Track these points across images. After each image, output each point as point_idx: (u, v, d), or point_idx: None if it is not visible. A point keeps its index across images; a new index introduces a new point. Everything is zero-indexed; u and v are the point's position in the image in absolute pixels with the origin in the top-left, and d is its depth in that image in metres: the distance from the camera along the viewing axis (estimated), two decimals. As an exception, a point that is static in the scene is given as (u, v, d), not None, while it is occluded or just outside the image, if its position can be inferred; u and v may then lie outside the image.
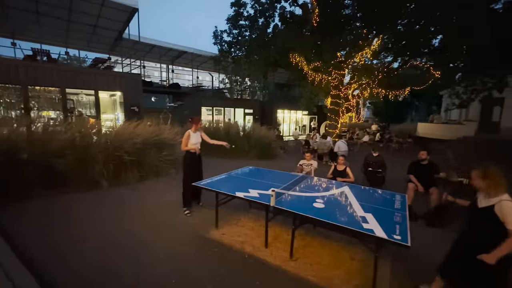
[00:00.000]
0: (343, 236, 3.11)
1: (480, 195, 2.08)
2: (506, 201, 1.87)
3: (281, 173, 4.65)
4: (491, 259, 1.85)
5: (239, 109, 17.41)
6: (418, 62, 11.80)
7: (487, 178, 1.98)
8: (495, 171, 1.98)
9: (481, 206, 2.02)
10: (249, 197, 3.14)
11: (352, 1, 11.39)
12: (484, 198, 2.02)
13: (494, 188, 1.95)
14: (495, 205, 1.91)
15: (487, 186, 1.98)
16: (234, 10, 11.65)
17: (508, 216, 1.83)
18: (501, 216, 1.86)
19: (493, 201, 1.93)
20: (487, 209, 1.95)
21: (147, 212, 4.29)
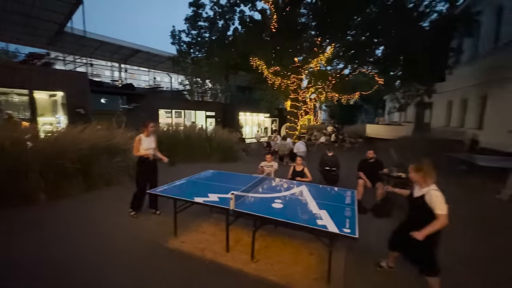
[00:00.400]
0: (302, 233, 3.24)
1: (415, 186, 2.42)
2: (434, 190, 2.22)
3: (241, 175, 4.67)
4: (419, 236, 2.18)
5: (200, 111, 17.01)
6: (365, 69, 13.08)
7: (420, 171, 2.30)
8: (427, 165, 2.31)
9: (415, 196, 2.36)
10: (208, 202, 3.07)
11: (307, 11, 12.12)
12: (418, 189, 2.37)
13: (425, 179, 2.28)
14: (425, 194, 2.25)
15: (420, 178, 2.30)
16: (192, 11, 11.40)
17: (435, 203, 2.17)
18: (430, 203, 2.20)
19: (424, 191, 2.27)
20: (420, 198, 2.28)
21: (95, 225, 3.87)
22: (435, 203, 2.17)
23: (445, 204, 2.18)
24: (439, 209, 2.16)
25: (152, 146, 4.19)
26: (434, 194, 2.19)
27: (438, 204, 2.16)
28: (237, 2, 11.41)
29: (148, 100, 14.63)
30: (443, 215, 2.14)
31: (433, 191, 2.21)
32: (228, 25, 11.99)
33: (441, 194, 2.21)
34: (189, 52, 12.23)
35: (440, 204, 2.16)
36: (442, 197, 2.19)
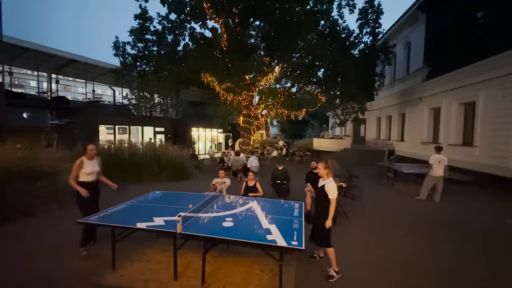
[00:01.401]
0: (254, 249, 3.24)
1: (321, 180, 3.12)
2: (331, 181, 3.00)
3: (191, 194, 4.47)
4: (329, 223, 2.90)
5: (148, 127, 15.95)
6: (309, 88, 14.34)
7: (327, 168, 3.04)
8: (331, 163, 3.09)
9: (319, 186, 3.09)
10: (152, 226, 2.83)
11: (255, 33, 12.87)
12: (321, 181, 3.10)
13: (328, 174, 3.03)
14: (325, 184, 2.99)
15: (326, 173, 3.03)
16: (138, 23, 10.90)
17: (330, 190, 2.94)
18: (327, 190, 2.94)
19: (325, 182, 3.02)
20: (322, 187, 3.02)
21: (8, 269, 3.15)
22: (330, 190, 2.93)
23: (336, 192, 2.95)
24: (331, 195, 2.92)
25: (96, 169, 3.75)
26: (330, 184, 2.96)
27: (331, 191, 2.93)
28: (188, 18, 11.43)
29: (86, 115, 13.09)
30: (333, 199, 2.93)
31: (330, 182, 2.99)
32: (178, 40, 11.82)
33: (335, 185, 2.99)
34: (135, 65, 11.54)
35: (332, 191, 2.92)
36: (335, 187, 2.97)
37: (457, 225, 4.90)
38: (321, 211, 3.02)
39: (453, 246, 4.02)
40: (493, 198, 6.85)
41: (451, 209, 5.93)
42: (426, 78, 11.83)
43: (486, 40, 8.61)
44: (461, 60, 9.30)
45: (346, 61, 11.18)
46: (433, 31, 11.74)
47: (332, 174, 3.06)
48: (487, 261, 3.52)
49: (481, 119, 8.60)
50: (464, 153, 9.28)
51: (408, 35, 14.21)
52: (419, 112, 12.47)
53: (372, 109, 17.80)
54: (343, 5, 11.94)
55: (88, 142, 3.81)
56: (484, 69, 8.32)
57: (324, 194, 2.98)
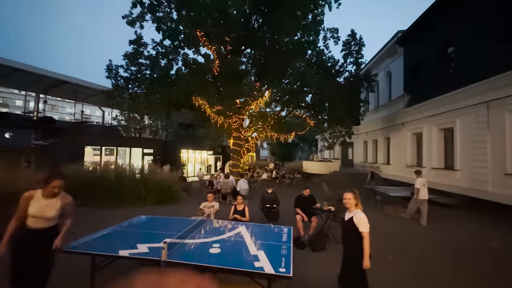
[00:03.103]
0: (241, 277, 3.13)
1: (347, 212, 2.84)
2: (360, 212, 2.73)
3: (178, 219, 4.35)
4: (367, 263, 2.58)
5: (136, 148, 15.71)
6: (298, 113, 14.80)
7: (356, 198, 2.79)
8: (357, 192, 2.85)
9: (346, 219, 2.80)
10: (135, 254, 2.71)
11: (246, 59, 13.48)
12: (348, 213, 2.81)
13: (357, 204, 2.78)
14: (353, 216, 2.71)
15: (354, 204, 2.77)
16: (133, 48, 11.24)
17: (361, 223, 2.64)
18: (357, 223, 2.65)
19: (352, 214, 2.74)
20: (350, 219, 2.73)
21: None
22: (361, 223, 2.63)
23: (367, 224, 2.65)
24: (363, 228, 2.62)
25: (49, 215, 2.50)
26: (360, 216, 2.68)
27: (362, 224, 2.63)
28: (181, 45, 11.90)
29: (72, 135, 12.83)
30: (366, 232, 2.61)
31: (359, 213, 2.71)
32: (171, 64, 12.18)
33: (365, 216, 2.69)
34: (126, 87, 11.68)
35: (364, 224, 2.63)
36: (366, 218, 2.67)
37: (444, 249, 4.95)
38: (351, 249, 2.71)
39: (441, 270, 4.03)
40: (477, 221, 7.01)
41: (437, 233, 6.01)
42: (407, 104, 12.54)
43: (458, 71, 9.39)
44: (438, 89, 10.02)
45: (332, 87, 11.78)
46: (410, 63, 12.71)
47: (360, 204, 2.80)
48: (478, 284, 3.53)
49: (460, 144, 9.08)
50: (447, 176, 9.62)
51: (388, 65, 15.27)
52: (403, 137, 13.02)
53: (359, 133, 18.42)
54: (328, 38, 12.86)
55: (55, 173, 2.61)
56: (458, 98, 8.97)
57: (352, 228, 2.66)
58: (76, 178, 8.60)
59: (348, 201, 2.79)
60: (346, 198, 2.81)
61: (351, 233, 2.68)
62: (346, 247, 2.79)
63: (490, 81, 7.59)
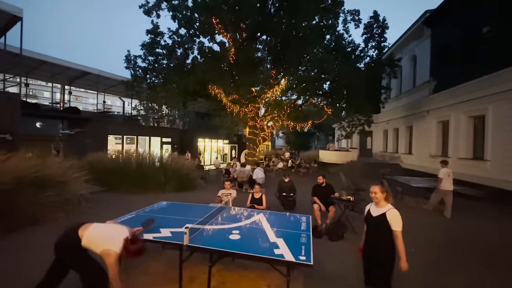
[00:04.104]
0: (260, 263, 3.18)
1: (372, 205, 2.58)
2: (393, 209, 2.44)
3: (198, 206, 4.47)
4: (405, 264, 2.37)
5: (155, 137, 16.18)
6: (315, 101, 14.42)
7: (385, 192, 2.48)
8: (388, 186, 2.53)
9: (375, 215, 2.49)
10: (159, 238, 2.82)
11: (262, 46, 13.19)
12: (375, 208, 2.53)
13: (387, 199, 2.48)
14: (386, 212, 2.42)
15: (383, 198, 2.47)
16: (150, 38, 11.34)
17: (395, 221, 2.37)
18: (390, 220, 2.38)
19: (384, 209, 2.45)
20: (381, 215, 2.43)
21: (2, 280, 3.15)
22: (395, 221, 2.37)
23: (401, 222, 2.40)
24: (396, 226, 2.36)
25: None
26: (394, 212, 2.40)
27: (396, 222, 2.36)
28: (197, 33, 11.84)
29: (96, 125, 13.42)
30: (399, 231, 2.36)
31: (393, 210, 2.42)
32: (187, 53, 12.22)
33: (398, 213, 2.42)
34: (145, 77, 11.91)
35: (398, 222, 2.37)
36: (399, 216, 2.41)
37: (468, 243, 4.72)
38: (377, 246, 2.44)
39: (463, 265, 3.86)
40: (507, 215, 6.60)
41: (462, 226, 5.74)
42: (433, 91, 11.79)
43: (493, 54, 8.60)
44: (468, 74, 9.28)
45: (352, 74, 11.28)
46: (439, 45, 11.81)
47: (391, 198, 2.51)
48: (498, 278, 3.36)
49: (492, 132, 8.45)
50: (475, 167, 9.06)
51: (413, 48, 14.31)
52: (427, 125, 12.34)
53: (379, 122, 17.70)
54: (348, 20, 12.21)
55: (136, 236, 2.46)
56: (492, 83, 8.26)
57: (385, 225, 2.39)
58: (101, 165, 9.07)
59: (375, 195, 2.48)
60: (372, 191, 2.50)
61: (383, 231, 2.40)
62: (375, 245, 2.47)
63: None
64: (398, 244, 2.35)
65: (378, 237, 2.44)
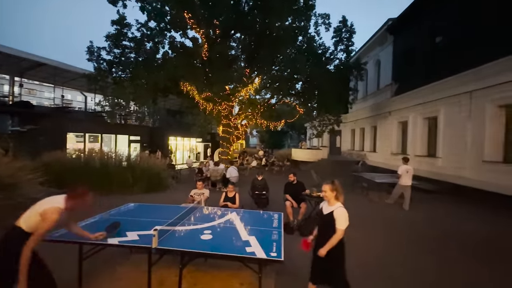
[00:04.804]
0: (233, 262, 3.18)
1: (324, 203, 2.64)
2: (341, 207, 2.49)
3: (168, 206, 4.32)
4: (323, 252, 2.40)
5: (122, 135, 15.25)
6: (288, 100, 14.73)
7: (334, 190, 2.53)
8: (338, 185, 2.57)
9: (325, 213, 2.55)
10: (125, 242, 2.67)
11: (236, 44, 13.10)
12: (326, 206, 2.59)
13: (337, 197, 2.54)
14: (334, 211, 2.48)
15: (333, 196, 2.53)
16: (115, 29, 10.61)
17: (339, 219, 2.43)
18: (336, 218, 2.44)
19: (333, 207, 2.50)
20: (330, 214, 2.49)
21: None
22: (339, 219, 2.42)
23: (347, 221, 2.44)
24: (340, 224, 2.41)
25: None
26: (341, 211, 2.45)
27: (341, 220, 2.42)
28: (168, 27, 11.35)
29: (52, 121, 12.22)
30: (341, 229, 2.41)
31: (341, 208, 2.47)
32: (157, 48, 11.65)
33: (346, 212, 2.47)
34: (110, 71, 11.12)
35: (343, 220, 2.42)
36: (346, 214, 2.46)
37: (423, 231, 5.24)
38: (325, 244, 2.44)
39: (419, 251, 4.27)
40: (455, 206, 7.42)
41: (417, 216, 6.33)
42: (395, 93, 12.76)
43: (444, 62, 9.58)
44: (424, 78, 10.22)
45: (323, 75, 11.74)
46: (399, 51, 12.81)
47: (342, 197, 2.55)
48: (444, 260, 3.79)
49: (443, 132, 9.42)
50: (429, 163, 10.03)
51: (378, 53, 15.34)
52: (389, 125, 13.34)
53: (347, 121, 18.70)
54: (319, 23, 12.65)
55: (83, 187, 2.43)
56: (444, 87, 9.20)
57: (333, 223, 2.43)
58: (60, 166, 8.31)
59: (325, 193, 2.55)
60: (323, 190, 2.57)
61: (332, 229, 2.44)
62: (323, 243, 2.46)
63: (474, 71, 7.80)
64: (334, 238, 2.40)
65: (328, 234, 2.45)
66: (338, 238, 2.41)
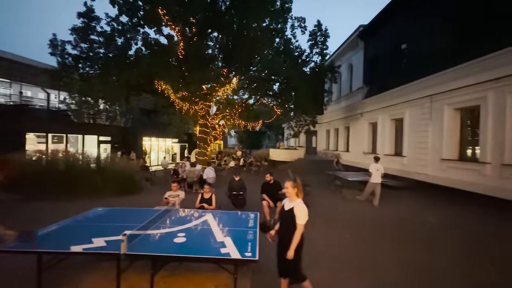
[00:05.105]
0: (209, 264, 3.13)
1: (286, 200, 2.71)
2: (301, 203, 2.57)
3: (139, 210, 4.14)
4: (291, 254, 2.45)
5: (91, 136, 14.32)
6: (265, 101, 14.89)
7: (296, 187, 2.60)
8: (300, 182, 2.64)
9: (287, 209, 2.63)
10: (91, 249, 2.51)
11: (214, 44, 12.95)
12: (288, 203, 2.66)
13: (297, 194, 2.61)
14: (294, 207, 2.56)
15: (294, 193, 2.60)
16: (82, 22, 9.93)
17: (299, 215, 2.50)
18: (296, 214, 2.51)
19: (294, 204, 2.58)
20: (291, 209, 2.56)
21: None
22: (299, 214, 2.49)
23: (306, 217, 2.52)
24: (299, 220, 2.48)
25: None
26: (301, 206, 2.53)
27: (301, 215, 2.49)
28: (141, 23, 10.87)
29: (8, 120, 11.11)
30: (301, 225, 2.49)
31: (300, 204, 2.55)
32: (129, 44, 11.11)
33: (306, 208, 2.55)
34: (76, 66, 10.38)
35: (302, 216, 2.50)
36: (306, 210, 2.54)
37: (390, 224, 5.60)
38: (288, 239, 2.50)
39: (386, 238, 4.56)
40: (418, 201, 8.01)
41: (386, 211, 6.74)
42: (366, 96, 13.47)
43: (409, 67, 10.32)
44: (392, 82, 10.91)
45: (299, 77, 12.04)
46: (370, 56, 13.55)
47: (302, 194, 2.63)
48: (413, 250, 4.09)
49: (408, 133, 10.13)
50: (396, 162, 10.73)
51: (350, 58, 16.08)
52: (361, 126, 14.04)
53: (322, 122, 19.34)
54: (295, 26, 12.96)
55: None
56: (408, 91, 9.91)
57: (293, 219, 2.50)
58: (17, 169, 7.58)
59: (286, 190, 2.61)
60: (285, 187, 2.63)
61: (293, 225, 2.50)
62: (286, 238, 2.53)
63: (434, 77, 8.50)
64: (296, 234, 2.47)
65: (289, 230, 2.52)
66: (300, 233, 2.48)
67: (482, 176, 6.91)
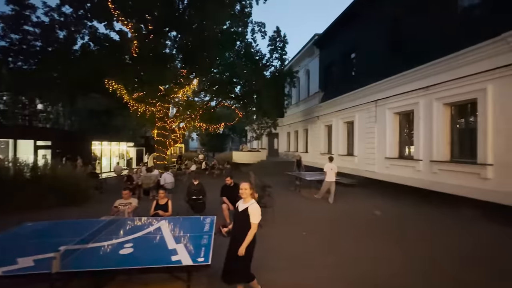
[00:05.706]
0: (160, 274, 2.95)
1: (240, 201, 2.76)
2: (255, 203, 2.67)
3: (81, 222, 3.73)
4: (242, 251, 2.50)
5: (25, 140, 12.46)
6: (227, 103, 14.84)
7: (252, 188, 2.70)
8: (254, 184, 2.74)
9: (241, 210, 2.69)
10: (12, 272, 2.16)
11: (172, 43, 12.45)
12: (242, 203, 2.72)
13: (252, 194, 2.69)
14: (248, 207, 2.63)
15: (249, 194, 2.68)
16: (12, 9, 8.65)
17: (253, 214, 2.59)
18: (250, 214, 2.59)
19: (247, 204, 2.66)
20: (245, 210, 2.63)
21: None
22: (253, 214, 2.58)
23: (259, 216, 2.62)
24: (253, 219, 2.58)
25: None
26: (255, 206, 2.63)
27: (254, 215, 2.58)
28: (88, 16, 9.91)
29: None
30: (255, 224, 2.58)
31: (254, 204, 2.65)
32: (74, 37, 10.02)
33: (259, 207, 2.67)
34: (5, 60, 8.97)
35: (256, 215, 2.59)
36: (259, 210, 2.65)
37: (342, 219, 6.05)
38: (241, 239, 2.54)
39: (341, 233, 4.90)
40: (368, 196, 8.80)
41: (340, 208, 7.25)
42: (321, 100, 14.36)
43: (358, 74, 11.34)
44: (344, 88, 11.85)
45: (260, 80, 12.29)
46: (324, 63, 14.53)
47: (255, 194, 2.71)
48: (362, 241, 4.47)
49: (358, 134, 11.08)
50: (349, 161, 11.64)
51: (307, 64, 17.00)
52: (318, 128, 14.90)
53: (283, 125, 20.02)
54: (256, 31, 13.22)
55: None
56: (357, 97, 10.87)
57: (247, 219, 2.56)
58: None
59: (244, 191, 2.67)
60: (242, 188, 2.69)
61: (246, 224, 2.58)
62: (239, 238, 2.58)
63: (377, 84, 9.49)
64: (249, 232, 2.56)
65: (242, 229, 2.60)
66: (253, 232, 2.57)
67: (416, 172, 7.91)
